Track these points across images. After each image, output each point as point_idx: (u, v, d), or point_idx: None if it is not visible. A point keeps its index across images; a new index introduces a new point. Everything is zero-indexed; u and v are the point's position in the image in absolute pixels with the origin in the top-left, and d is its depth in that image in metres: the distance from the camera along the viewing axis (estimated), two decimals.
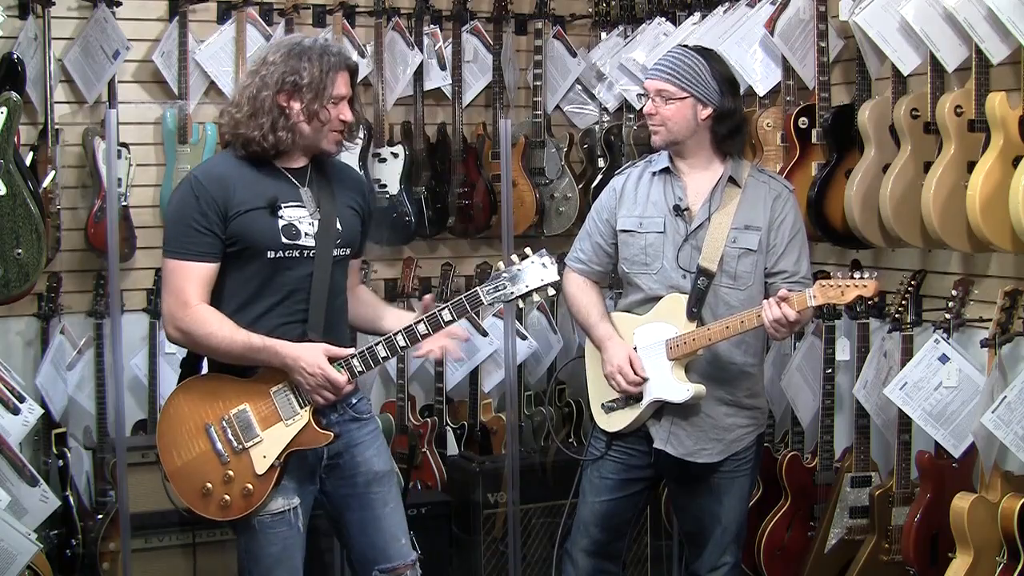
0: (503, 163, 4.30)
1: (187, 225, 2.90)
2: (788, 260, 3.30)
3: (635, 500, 3.50)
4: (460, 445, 4.93)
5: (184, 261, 2.91)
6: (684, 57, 3.29)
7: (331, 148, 3.00)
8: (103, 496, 4.48)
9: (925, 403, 3.59)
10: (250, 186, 2.94)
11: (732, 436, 3.35)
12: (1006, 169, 3.33)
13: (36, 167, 4.32)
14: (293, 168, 3.01)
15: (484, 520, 4.52)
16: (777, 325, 3.07)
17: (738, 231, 3.27)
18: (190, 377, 3.05)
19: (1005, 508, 3.28)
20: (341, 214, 3.04)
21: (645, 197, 3.37)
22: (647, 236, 3.34)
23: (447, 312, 2.92)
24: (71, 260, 4.63)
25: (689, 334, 3.24)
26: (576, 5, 5.31)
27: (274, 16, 4.82)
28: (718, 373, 3.32)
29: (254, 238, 2.92)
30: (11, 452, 3.65)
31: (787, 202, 3.33)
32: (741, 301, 3.25)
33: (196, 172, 3.00)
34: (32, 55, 4.35)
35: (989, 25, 3.39)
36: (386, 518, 3.13)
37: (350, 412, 3.09)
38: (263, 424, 2.96)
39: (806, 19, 4.04)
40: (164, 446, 3.02)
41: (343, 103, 2.96)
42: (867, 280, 3.04)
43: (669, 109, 3.26)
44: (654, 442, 3.35)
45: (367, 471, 3.11)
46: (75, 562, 4.42)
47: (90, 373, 4.53)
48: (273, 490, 2.96)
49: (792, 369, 4.19)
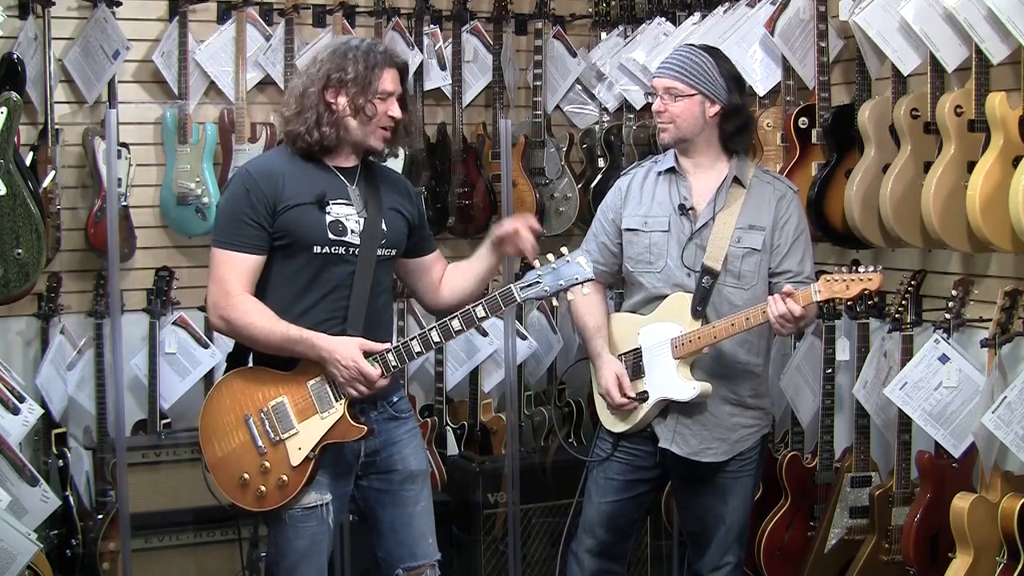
0: (503, 163, 4.30)
1: (236, 217, 2.97)
2: (792, 260, 3.31)
3: (641, 501, 3.50)
4: (460, 445, 4.93)
5: (231, 252, 2.97)
6: (692, 55, 3.31)
7: (378, 145, 3.04)
8: (103, 496, 4.48)
9: (925, 403, 3.59)
10: (300, 181, 2.99)
11: (737, 436, 3.35)
12: (1006, 169, 3.33)
13: (36, 167, 4.32)
14: (343, 167, 3.06)
15: (484, 520, 4.52)
16: (783, 321, 3.07)
17: (742, 231, 3.28)
18: (235, 369, 3.09)
19: (1005, 508, 3.28)
20: (387, 216, 3.09)
21: (650, 196, 3.38)
22: (651, 235, 3.35)
23: (480, 308, 2.97)
24: (71, 260, 4.63)
25: (694, 332, 3.24)
26: (576, 5, 5.31)
27: (274, 16, 4.82)
28: (723, 372, 3.32)
29: (301, 232, 2.97)
30: (11, 452, 3.65)
31: (791, 202, 3.35)
32: (745, 300, 3.26)
33: (248, 166, 3.07)
34: (32, 55, 4.34)
35: (989, 25, 3.39)
36: (417, 516, 3.18)
37: (389, 410, 3.14)
38: (300, 416, 2.99)
39: (806, 19, 4.04)
40: (206, 437, 3.06)
41: (391, 100, 3.01)
42: (871, 274, 3.04)
43: (678, 106, 3.28)
44: (659, 441, 3.35)
45: (403, 469, 3.15)
46: (75, 562, 4.42)
47: (90, 373, 4.53)
48: (307, 484, 2.99)
49: (792, 369, 4.19)
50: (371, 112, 2.98)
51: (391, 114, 3.01)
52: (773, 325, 3.11)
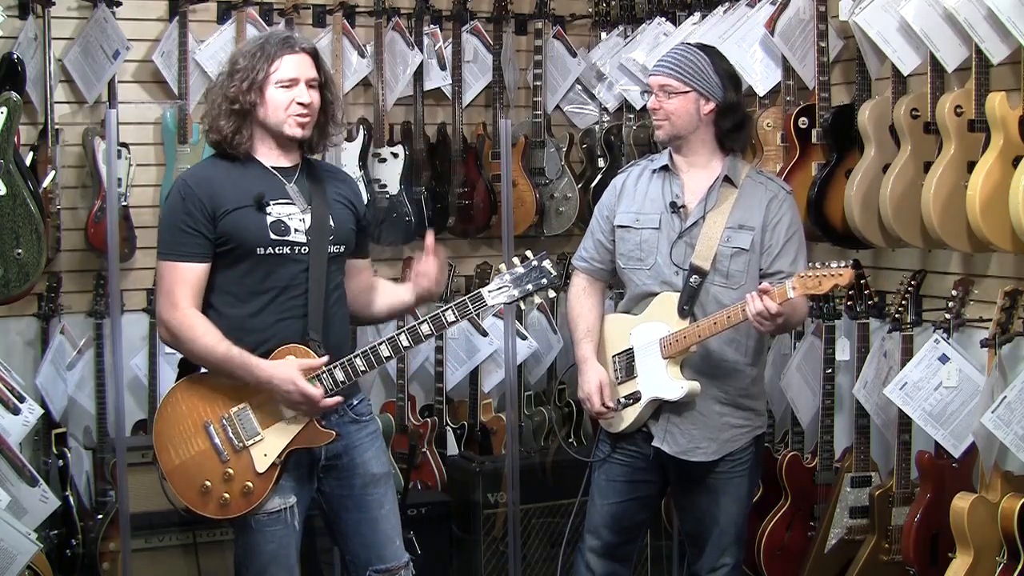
0: (503, 163, 4.30)
1: (175, 227, 2.94)
2: (784, 261, 3.30)
3: (646, 502, 3.50)
4: (460, 445, 4.93)
5: (174, 262, 2.95)
6: (686, 53, 3.31)
7: (295, 132, 2.99)
8: (103, 496, 4.48)
9: (925, 403, 3.59)
10: (236, 184, 2.96)
11: (727, 435, 3.35)
12: (1006, 169, 3.33)
13: (36, 167, 4.31)
14: (281, 167, 3.03)
15: (484, 520, 4.52)
16: (760, 318, 3.07)
17: (732, 230, 3.28)
18: (187, 376, 3.06)
19: (1005, 508, 3.28)
20: (334, 211, 3.06)
21: (643, 194, 3.39)
22: (642, 232, 3.36)
23: (451, 313, 2.96)
24: (71, 260, 4.63)
25: (681, 331, 3.25)
26: (576, 5, 5.31)
27: (274, 16, 4.81)
28: (711, 371, 3.33)
29: (242, 235, 2.94)
30: (11, 452, 3.65)
31: (784, 203, 3.34)
32: (733, 300, 3.25)
33: (183, 175, 3.05)
34: (32, 55, 4.34)
35: (989, 25, 3.39)
36: (382, 520, 3.15)
37: (350, 414, 3.11)
38: (264, 423, 2.97)
39: (806, 19, 4.04)
40: (161, 444, 3.02)
41: (297, 86, 2.96)
42: (842, 269, 3.05)
43: (672, 103, 3.28)
44: (652, 440, 3.36)
45: (364, 473, 3.12)
46: (75, 562, 4.42)
47: (90, 373, 4.53)
48: (271, 489, 2.97)
49: (792, 369, 4.19)
50: (253, 100, 2.93)
51: (299, 100, 2.96)
52: (751, 322, 3.10)
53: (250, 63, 2.94)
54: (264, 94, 2.95)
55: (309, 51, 3.01)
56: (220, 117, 2.97)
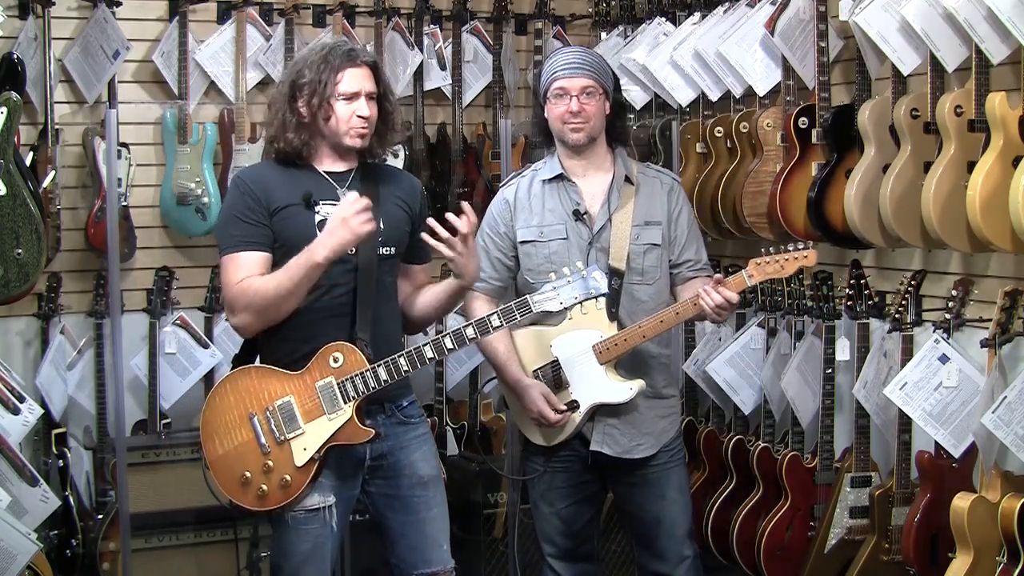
0: (503, 163, 4.30)
1: (236, 219, 2.99)
2: (690, 250, 3.39)
3: (591, 501, 3.52)
4: (460, 445, 4.93)
5: (236, 253, 2.98)
6: (589, 53, 3.38)
7: (355, 143, 3.04)
8: (103, 496, 4.48)
9: (925, 403, 3.59)
10: (287, 185, 3.02)
11: (659, 427, 3.40)
12: (1006, 169, 3.33)
13: (36, 167, 4.32)
14: (335, 172, 3.07)
15: (484, 520, 4.52)
16: (719, 310, 3.12)
17: (639, 228, 3.32)
18: (238, 368, 3.08)
19: (1005, 508, 3.28)
20: (386, 211, 3.08)
21: (540, 206, 3.38)
22: (550, 244, 3.35)
23: (496, 318, 2.98)
24: (71, 260, 4.63)
25: (619, 335, 3.26)
26: (576, 5, 5.31)
27: (274, 16, 4.82)
28: (641, 367, 3.36)
29: (291, 233, 2.98)
30: (11, 452, 3.65)
31: (679, 193, 3.42)
32: (650, 295, 3.32)
33: (239, 173, 3.12)
34: (32, 55, 4.34)
35: (989, 25, 3.39)
36: (429, 522, 3.16)
37: (398, 415, 3.13)
38: (306, 417, 2.99)
39: (806, 19, 4.04)
40: (207, 434, 3.05)
41: (358, 99, 3.01)
42: (806, 251, 3.06)
43: (593, 105, 3.30)
44: (590, 444, 3.37)
45: (411, 474, 3.14)
46: (75, 562, 4.42)
47: (90, 373, 4.53)
48: (310, 485, 2.99)
49: (792, 369, 4.18)
50: (325, 115, 2.98)
51: (359, 114, 3.00)
52: (710, 316, 3.16)
53: (316, 76, 2.97)
54: (333, 107, 2.99)
55: (370, 64, 3.05)
56: (288, 130, 3.01)
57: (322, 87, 2.97)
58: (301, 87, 2.99)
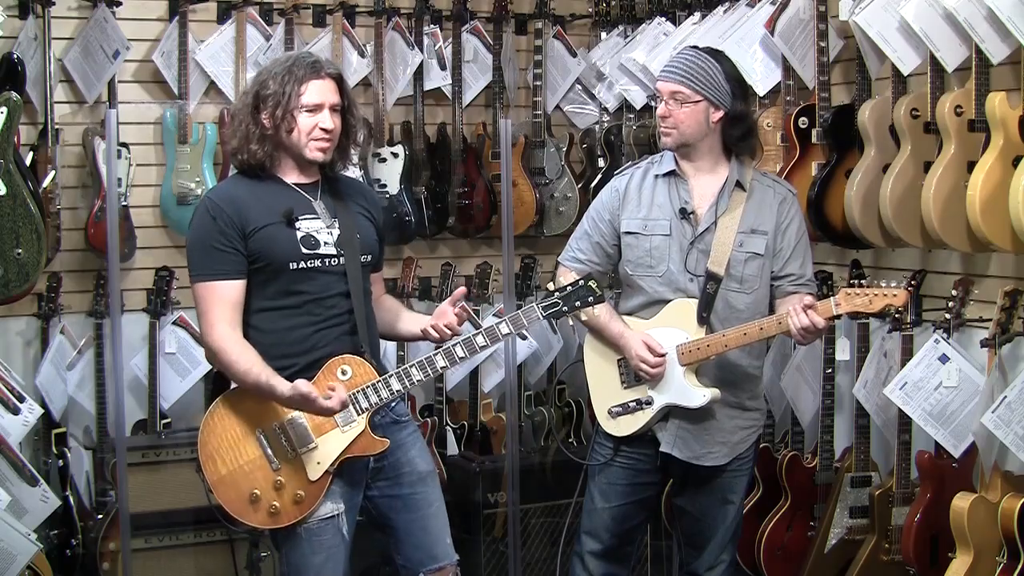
0: (503, 163, 4.30)
1: (208, 246, 2.94)
2: (795, 263, 3.32)
3: (646, 504, 3.50)
4: (460, 445, 4.93)
5: (210, 282, 2.94)
6: (697, 59, 3.28)
7: (316, 156, 3.00)
8: (103, 496, 4.48)
9: (925, 403, 3.59)
10: (263, 202, 2.98)
11: (736, 438, 3.36)
12: (1006, 169, 3.33)
13: (36, 167, 4.32)
14: (303, 183, 3.05)
15: (484, 520, 4.52)
16: (805, 332, 3.08)
17: (745, 235, 3.28)
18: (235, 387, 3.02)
19: (1005, 508, 3.28)
20: (358, 223, 3.08)
21: (650, 199, 3.37)
22: (652, 239, 3.34)
23: (504, 325, 3.00)
24: (71, 260, 4.63)
25: (703, 340, 3.23)
26: (576, 5, 5.31)
27: (274, 16, 4.82)
28: (726, 376, 3.32)
29: (274, 252, 2.95)
30: (11, 452, 3.65)
31: (792, 205, 3.35)
32: (747, 305, 3.26)
33: (209, 194, 3.06)
34: (32, 55, 4.34)
35: (989, 25, 3.39)
36: (431, 518, 3.17)
37: (391, 415, 3.13)
38: (317, 431, 2.97)
39: (806, 19, 4.04)
40: (207, 454, 2.99)
41: (320, 111, 2.98)
42: (896, 289, 3.03)
43: (684, 112, 3.26)
44: (661, 445, 3.35)
45: (411, 471, 3.14)
46: (75, 562, 4.42)
47: (90, 373, 4.53)
48: (323, 497, 2.98)
49: (792, 369, 4.19)
50: (288, 127, 2.96)
51: (322, 126, 2.97)
52: (795, 336, 3.11)
53: (280, 87, 2.95)
54: (296, 119, 2.96)
55: (334, 76, 3.02)
56: (252, 141, 2.98)
57: (286, 99, 2.93)
58: (265, 98, 2.96)
